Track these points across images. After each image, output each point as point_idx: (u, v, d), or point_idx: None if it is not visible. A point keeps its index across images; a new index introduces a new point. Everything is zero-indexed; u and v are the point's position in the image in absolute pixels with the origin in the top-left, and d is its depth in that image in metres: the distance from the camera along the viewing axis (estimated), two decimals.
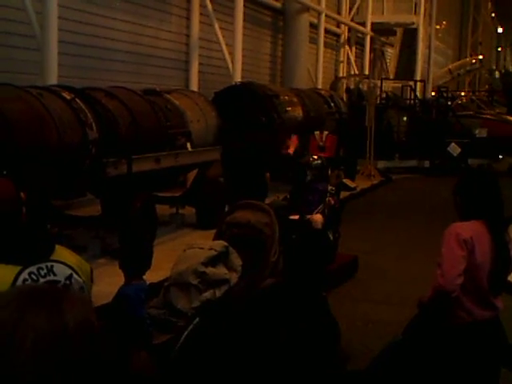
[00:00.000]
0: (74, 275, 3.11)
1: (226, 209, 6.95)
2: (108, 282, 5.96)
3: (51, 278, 3.03)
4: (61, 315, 1.34)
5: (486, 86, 42.11)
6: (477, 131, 20.85)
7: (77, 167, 7.93)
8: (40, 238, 3.11)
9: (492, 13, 62.62)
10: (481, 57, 44.15)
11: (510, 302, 4.87)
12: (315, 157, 9.32)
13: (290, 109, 14.55)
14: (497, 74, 40.99)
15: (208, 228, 9.47)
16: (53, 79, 9.98)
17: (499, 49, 72.49)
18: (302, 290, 2.37)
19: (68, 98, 8.13)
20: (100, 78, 11.86)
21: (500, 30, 67.96)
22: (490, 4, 60.32)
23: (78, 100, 8.20)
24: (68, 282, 3.08)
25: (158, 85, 12.36)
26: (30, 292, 1.41)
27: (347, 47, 26.44)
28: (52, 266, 3.04)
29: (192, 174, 11.10)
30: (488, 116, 22.23)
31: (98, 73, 12.35)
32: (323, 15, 21.55)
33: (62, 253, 3.16)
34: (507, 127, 21.37)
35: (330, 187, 8.95)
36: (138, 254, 4.74)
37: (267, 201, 8.76)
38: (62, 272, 3.06)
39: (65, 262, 3.11)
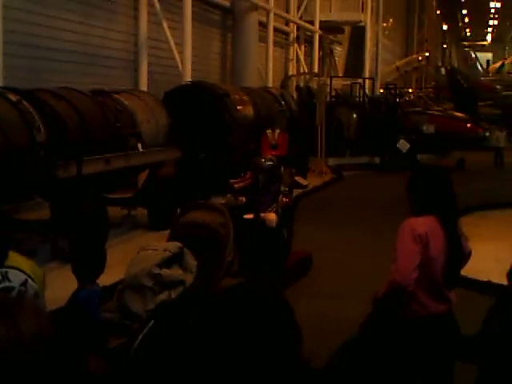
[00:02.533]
0: (29, 281, 3.06)
1: (179, 209, 6.92)
2: (60, 286, 5.84)
3: (6, 284, 2.97)
4: (16, 326, 1.33)
5: (433, 83, 42.86)
6: (425, 127, 21.18)
7: (25, 170, 7.77)
8: None
9: (437, 10, 63.72)
10: (427, 54, 44.90)
11: (463, 296, 4.94)
12: (266, 157, 9.30)
13: (240, 108, 14.54)
14: (443, 71, 41.69)
15: (160, 229, 9.40)
16: None
17: (445, 46, 73.83)
18: (262, 290, 2.35)
19: (14, 99, 7.96)
20: (47, 79, 11.65)
21: (445, 27, 69.22)
22: (434, 2, 61.36)
23: (24, 102, 8.04)
24: (23, 288, 3.02)
25: (107, 85, 12.21)
26: None
27: (296, 45, 26.55)
28: (6, 273, 2.99)
29: (143, 175, 11.01)
30: (435, 112, 22.60)
31: (45, 74, 12.13)
32: (272, 13, 21.61)
33: (15, 259, 3.10)
34: (454, 122, 21.76)
35: (283, 188, 8.95)
36: (90, 258, 4.66)
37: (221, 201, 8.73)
38: (16, 278, 3.01)
39: (19, 267, 3.06)
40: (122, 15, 15.23)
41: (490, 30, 76.04)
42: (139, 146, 10.28)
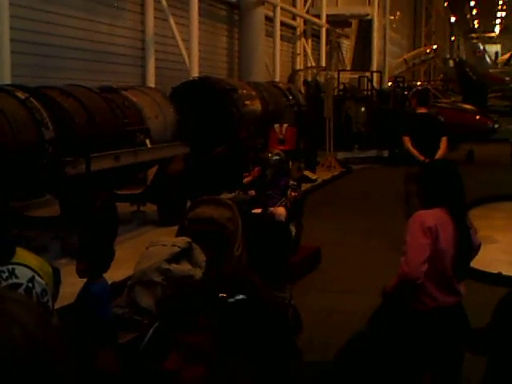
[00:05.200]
0: (36, 277, 3.07)
1: (188, 204, 6.94)
2: (70, 283, 5.85)
3: (13, 280, 2.99)
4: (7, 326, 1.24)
5: (441, 75, 42.70)
6: None
7: (34, 167, 7.80)
8: (0, 242, 3.05)
9: (444, 2, 63.41)
10: (435, 46, 44.69)
11: (472, 288, 4.94)
12: (274, 151, 9.30)
13: (248, 102, 14.52)
14: (451, 63, 41.49)
15: (170, 225, 9.41)
16: (6, 79, 9.80)
17: (452, 38, 73.52)
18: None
19: (22, 97, 7.98)
20: (55, 77, 11.68)
21: (453, 19, 68.92)
22: None
23: (32, 99, 8.06)
24: (30, 284, 3.04)
25: (115, 82, 12.23)
26: None
27: (303, 40, 26.48)
28: (14, 269, 3.00)
29: (152, 171, 11.02)
30: (444, 105, 22.50)
31: (52, 71, 12.16)
32: (278, 8, 21.55)
33: (23, 255, 3.11)
34: (463, 115, 21.67)
35: (291, 182, 8.95)
36: (99, 254, 4.69)
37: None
38: (23, 274, 3.02)
39: (26, 264, 3.07)
40: (129, 12, 15.23)
41: (498, 21, 75.63)
42: (147, 142, 10.29)
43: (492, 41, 76.58)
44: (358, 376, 2.48)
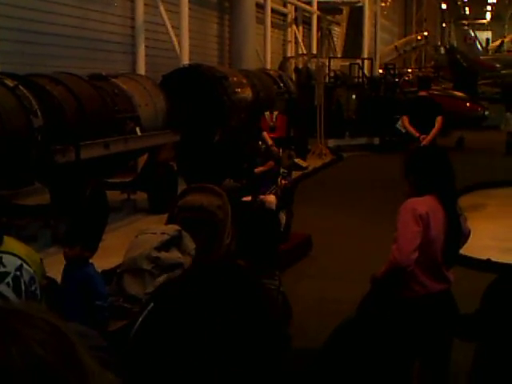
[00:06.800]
0: (24, 265, 3.07)
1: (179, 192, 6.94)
2: (60, 270, 5.87)
3: (1, 269, 2.99)
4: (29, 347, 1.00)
5: (432, 62, 42.68)
6: None
7: (23, 155, 7.76)
8: None
9: None
10: (426, 33, 44.67)
11: (461, 274, 4.96)
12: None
13: (239, 90, 14.48)
14: (442, 50, 41.53)
15: (160, 212, 9.40)
16: None
17: (443, 25, 73.44)
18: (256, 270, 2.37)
19: (11, 85, 7.93)
20: (44, 64, 11.59)
21: (444, 6, 68.79)
22: None
23: (21, 87, 8.01)
24: (18, 272, 3.04)
25: (105, 69, 12.15)
26: None
27: (294, 27, 26.39)
28: (1, 258, 3.00)
29: (142, 159, 10.99)
30: (435, 92, 22.49)
31: (41, 59, 12.07)
32: None
33: (10, 243, 3.11)
34: (453, 102, 21.67)
35: (282, 170, 8.96)
36: (91, 239, 4.71)
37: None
38: (11, 263, 3.02)
39: (14, 252, 3.07)
40: None
41: (488, 8, 75.54)
42: (137, 129, 10.25)
43: (483, 28, 76.48)
44: (346, 363, 2.48)
